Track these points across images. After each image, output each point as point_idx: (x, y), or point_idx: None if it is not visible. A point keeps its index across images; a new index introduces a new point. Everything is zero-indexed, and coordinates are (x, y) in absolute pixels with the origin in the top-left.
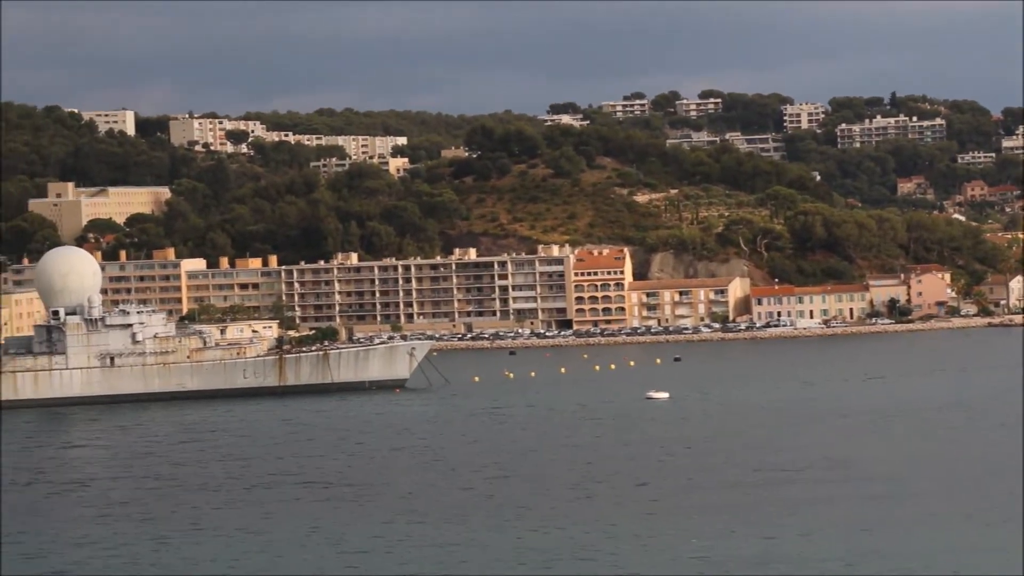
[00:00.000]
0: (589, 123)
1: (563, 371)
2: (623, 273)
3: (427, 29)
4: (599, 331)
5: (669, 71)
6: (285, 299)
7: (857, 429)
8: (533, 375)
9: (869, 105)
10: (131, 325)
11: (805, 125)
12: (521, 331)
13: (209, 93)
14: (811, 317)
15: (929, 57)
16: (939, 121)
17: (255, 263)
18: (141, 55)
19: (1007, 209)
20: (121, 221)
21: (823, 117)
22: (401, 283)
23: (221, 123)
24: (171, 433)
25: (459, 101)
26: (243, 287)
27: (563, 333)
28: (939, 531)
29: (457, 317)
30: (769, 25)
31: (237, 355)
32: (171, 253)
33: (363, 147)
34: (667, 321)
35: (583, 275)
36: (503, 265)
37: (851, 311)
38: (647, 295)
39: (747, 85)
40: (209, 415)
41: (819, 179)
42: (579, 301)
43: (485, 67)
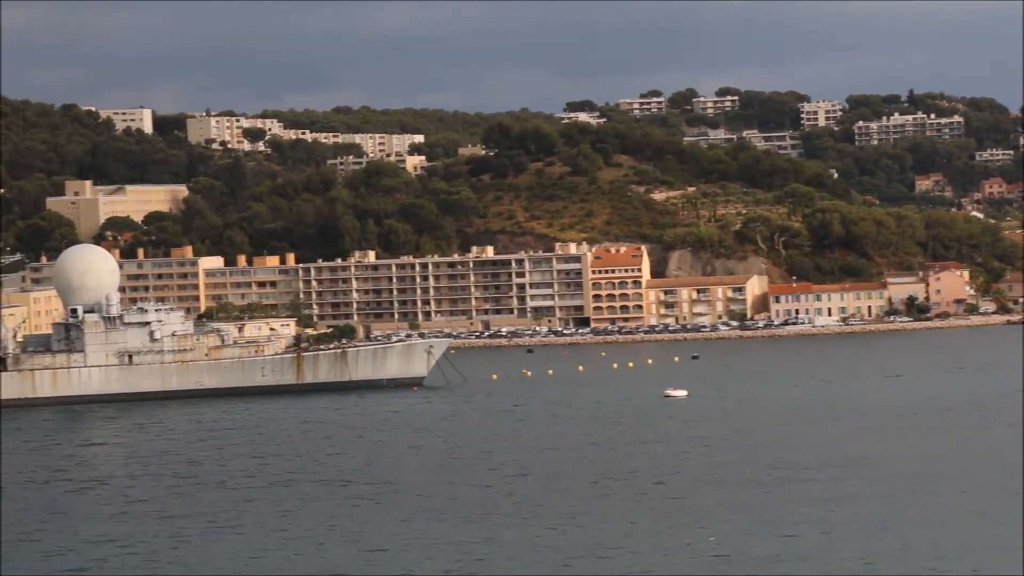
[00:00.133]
0: (606, 121)
1: (581, 369)
2: (640, 271)
3: (443, 27)
4: (617, 329)
5: (686, 69)
6: (303, 297)
7: (875, 427)
8: (550, 373)
9: (887, 102)
10: (149, 323)
11: (822, 123)
12: (539, 329)
13: (222, 91)
14: (829, 315)
15: (947, 55)
16: (957, 118)
17: (273, 261)
18: (155, 54)
19: None
20: (139, 219)
21: (840, 115)
22: (419, 281)
23: (238, 121)
24: (189, 431)
25: (476, 99)
26: (261, 285)
27: (581, 331)
28: (956, 529)
29: (475, 315)
30: (786, 23)
31: (255, 353)
32: (189, 251)
33: (380, 145)
34: (685, 319)
35: (600, 273)
36: (520, 263)
37: (869, 309)
38: (665, 293)
39: (764, 83)
40: (227, 413)
41: (837, 177)
42: (596, 299)
43: (502, 65)
